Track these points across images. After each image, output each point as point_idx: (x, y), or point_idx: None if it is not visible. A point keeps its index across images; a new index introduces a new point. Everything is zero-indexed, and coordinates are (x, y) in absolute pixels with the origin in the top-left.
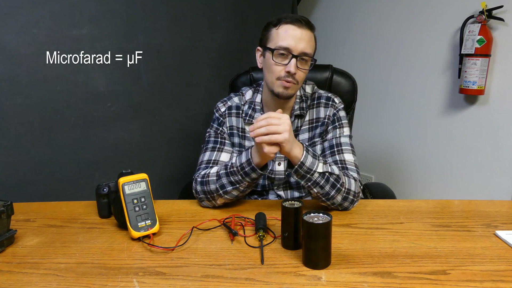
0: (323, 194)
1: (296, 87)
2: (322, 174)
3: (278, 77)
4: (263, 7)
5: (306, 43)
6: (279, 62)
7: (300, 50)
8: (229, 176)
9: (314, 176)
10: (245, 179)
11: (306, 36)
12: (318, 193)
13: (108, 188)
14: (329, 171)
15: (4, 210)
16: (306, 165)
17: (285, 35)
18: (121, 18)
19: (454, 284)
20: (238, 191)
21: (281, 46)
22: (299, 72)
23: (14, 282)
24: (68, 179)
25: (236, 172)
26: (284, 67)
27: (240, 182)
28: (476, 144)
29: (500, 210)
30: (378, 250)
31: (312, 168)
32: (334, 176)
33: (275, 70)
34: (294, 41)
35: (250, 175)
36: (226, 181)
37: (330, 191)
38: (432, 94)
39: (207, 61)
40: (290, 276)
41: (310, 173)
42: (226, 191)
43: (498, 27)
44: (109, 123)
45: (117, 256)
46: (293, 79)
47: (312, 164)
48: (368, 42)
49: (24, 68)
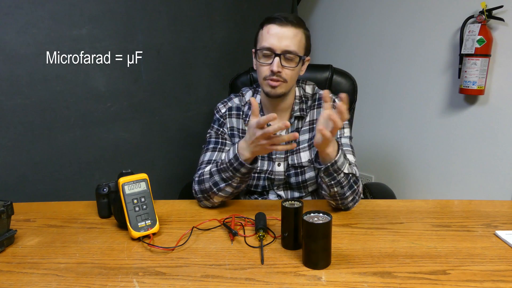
0: (340, 194)
1: (286, 86)
2: (346, 175)
3: (264, 77)
4: (263, 7)
5: (289, 40)
6: (263, 62)
7: (282, 48)
8: (220, 173)
9: (340, 176)
10: (236, 175)
11: (289, 33)
12: (336, 192)
13: (108, 188)
14: (353, 172)
15: (4, 210)
16: (337, 164)
17: (267, 35)
18: (121, 18)
19: (454, 284)
20: (232, 188)
21: (264, 47)
22: (286, 70)
23: (14, 282)
24: (68, 179)
25: (226, 168)
26: (269, 66)
27: (231, 178)
28: (476, 144)
29: (500, 210)
30: (378, 250)
31: (341, 168)
32: (354, 178)
33: (261, 71)
34: (276, 39)
35: (239, 170)
36: (218, 178)
37: (346, 192)
38: (432, 94)
39: (207, 61)
40: (290, 276)
41: (337, 172)
42: (220, 188)
43: (498, 27)
44: (109, 123)
45: (117, 256)
46: (279, 77)
47: (342, 164)
48: (368, 42)
49: (24, 68)
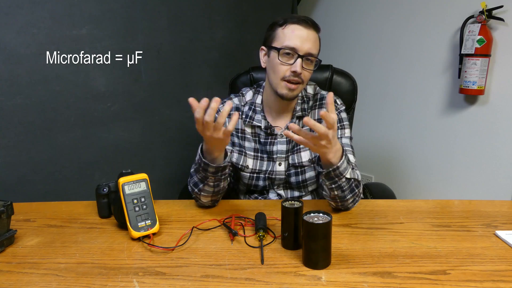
0: (341, 197)
1: (300, 87)
2: (348, 180)
3: (283, 77)
4: (263, 7)
5: (312, 43)
6: (284, 61)
7: (306, 50)
8: (196, 174)
9: (341, 180)
10: (207, 174)
11: (312, 36)
12: (337, 195)
13: (108, 188)
14: (355, 177)
15: (4, 210)
16: (339, 169)
17: (292, 35)
18: (121, 18)
19: (454, 284)
20: (210, 187)
21: (288, 46)
22: (305, 72)
23: (14, 282)
24: (68, 179)
25: (198, 168)
26: (289, 66)
27: (205, 178)
28: (476, 144)
29: (500, 210)
30: (378, 250)
31: (343, 173)
32: (356, 182)
33: (280, 70)
34: (300, 41)
35: (207, 169)
36: (196, 179)
37: (347, 195)
38: (432, 94)
39: (207, 61)
40: (290, 276)
41: (339, 177)
42: (200, 189)
43: (498, 27)
44: (109, 123)
45: (117, 256)
46: (299, 78)
47: (344, 170)
48: (368, 42)
49: (24, 68)
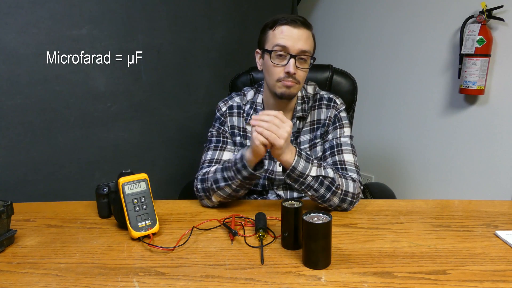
0: (318, 197)
1: (298, 87)
2: (315, 178)
3: (278, 78)
4: (263, 7)
5: (304, 41)
6: (277, 63)
7: (297, 49)
8: (223, 172)
9: (307, 180)
10: (237, 176)
11: (303, 35)
12: (313, 195)
13: (108, 188)
14: (323, 174)
15: (4, 210)
16: (298, 169)
17: (281, 35)
18: (121, 18)
19: (454, 284)
20: (231, 189)
21: (278, 44)
22: (299, 72)
23: (14, 282)
24: (68, 179)
25: (230, 167)
26: (283, 68)
27: (232, 178)
28: (476, 144)
29: (500, 210)
30: (378, 250)
31: (305, 172)
32: (328, 179)
33: (274, 72)
34: (291, 40)
35: (241, 172)
36: (220, 176)
37: (325, 194)
38: (432, 94)
39: (207, 61)
40: (290, 276)
41: (303, 177)
42: (219, 186)
43: (498, 27)
44: (109, 123)
45: (117, 256)
46: (293, 79)
47: (305, 168)
48: (368, 42)
49: (24, 68)
